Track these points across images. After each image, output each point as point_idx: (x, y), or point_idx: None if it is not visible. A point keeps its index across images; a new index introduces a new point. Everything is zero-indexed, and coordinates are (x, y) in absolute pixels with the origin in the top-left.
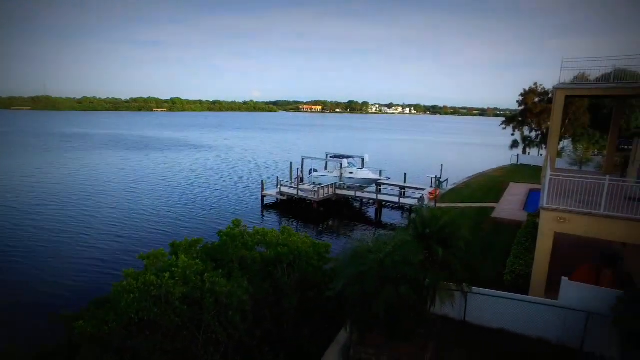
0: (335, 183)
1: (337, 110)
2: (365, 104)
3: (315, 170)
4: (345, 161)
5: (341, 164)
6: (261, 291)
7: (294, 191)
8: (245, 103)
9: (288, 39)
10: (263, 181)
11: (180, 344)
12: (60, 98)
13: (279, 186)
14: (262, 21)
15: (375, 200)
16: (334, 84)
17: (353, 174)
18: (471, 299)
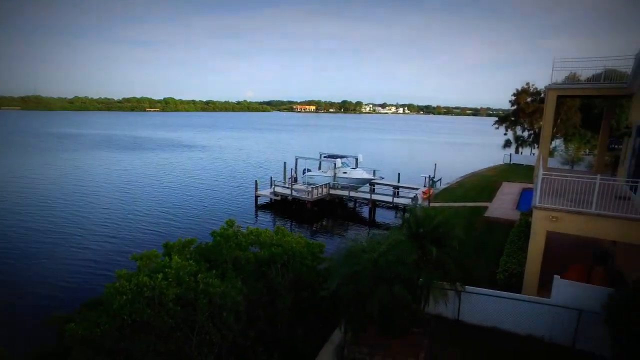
0: (329, 183)
1: (331, 110)
2: (359, 104)
3: (309, 170)
4: (339, 161)
5: (335, 164)
6: (255, 291)
7: (287, 191)
8: (239, 103)
9: (281, 39)
10: (257, 181)
11: (174, 345)
12: (51, 98)
13: (272, 186)
14: (256, 21)
15: (369, 200)
16: (327, 84)
17: (347, 174)
18: (465, 298)
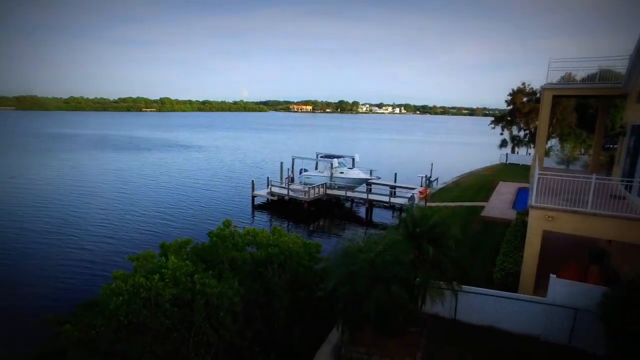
0: (325, 183)
1: (328, 110)
2: (356, 104)
3: (305, 170)
4: (335, 161)
5: (332, 164)
6: (252, 292)
7: (284, 191)
8: (235, 103)
9: (281, 39)
10: (253, 181)
11: (171, 346)
12: (46, 98)
13: (269, 186)
14: (253, 21)
15: (366, 200)
16: (325, 84)
17: (344, 174)
18: (461, 298)
